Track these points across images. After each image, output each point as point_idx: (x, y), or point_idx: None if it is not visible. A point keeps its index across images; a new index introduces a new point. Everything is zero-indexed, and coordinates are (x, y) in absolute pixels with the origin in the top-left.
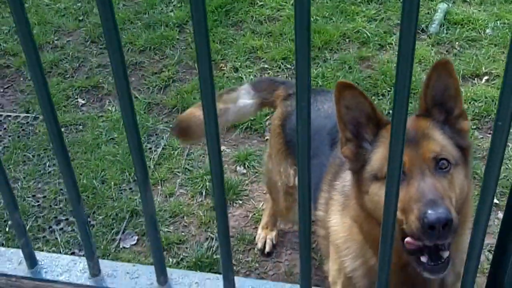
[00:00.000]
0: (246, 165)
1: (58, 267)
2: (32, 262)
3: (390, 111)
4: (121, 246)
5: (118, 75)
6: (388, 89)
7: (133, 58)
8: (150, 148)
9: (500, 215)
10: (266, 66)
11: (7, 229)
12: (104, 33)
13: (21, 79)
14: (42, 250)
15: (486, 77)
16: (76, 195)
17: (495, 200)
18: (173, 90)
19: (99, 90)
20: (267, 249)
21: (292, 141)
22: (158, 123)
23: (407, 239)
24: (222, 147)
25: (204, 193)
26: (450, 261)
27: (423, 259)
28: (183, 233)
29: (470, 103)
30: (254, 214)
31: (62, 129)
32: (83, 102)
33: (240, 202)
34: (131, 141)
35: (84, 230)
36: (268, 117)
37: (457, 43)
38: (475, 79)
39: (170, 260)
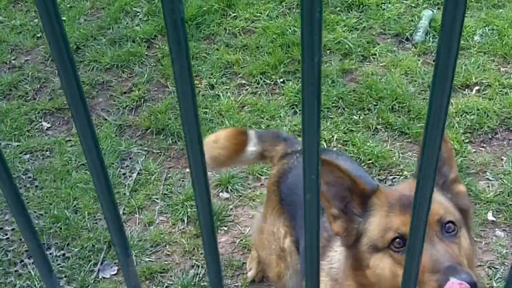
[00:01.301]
0: (229, 189)
1: None
2: None
3: (377, 127)
4: (100, 277)
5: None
6: (374, 103)
7: (99, 77)
8: (125, 174)
9: (498, 232)
10: (243, 82)
11: None
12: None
13: None
14: (15, 285)
15: (477, 88)
16: (46, 266)
17: (492, 218)
18: (145, 110)
19: (64, 112)
20: (257, 280)
21: (286, 199)
22: (131, 146)
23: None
24: None
25: (186, 220)
26: None
27: None
28: (166, 262)
29: (461, 115)
30: (241, 240)
31: (27, 156)
32: (48, 125)
33: (226, 228)
34: (106, 208)
35: None
36: None
37: None
38: (466, 90)
39: None
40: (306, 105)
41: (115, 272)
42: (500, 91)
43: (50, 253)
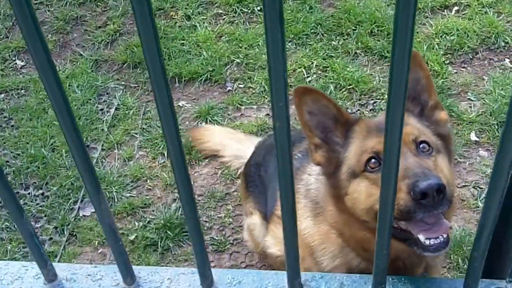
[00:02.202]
0: (208, 120)
1: (8, 275)
2: None
3: (357, 51)
4: (80, 215)
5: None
6: (353, 27)
7: (73, 12)
8: (102, 109)
9: (481, 152)
10: (220, 11)
11: None
12: None
13: None
14: None
15: (456, 8)
16: (16, 208)
17: (475, 138)
18: (121, 44)
19: None
20: None
21: (250, 183)
22: (108, 81)
23: None
24: (182, 102)
25: (166, 154)
26: (449, 237)
27: (422, 238)
28: (147, 197)
29: (441, 37)
30: (223, 170)
31: (2, 95)
32: (22, 64)
33: (207, 160)
34: (73, 146)
35: (32, 242)
36: (228, 66)
37: None
38: (445, 10)
39: (136, 224)
40: (270, 32)
41: None
42: (480, 10)
43: (29, 193)
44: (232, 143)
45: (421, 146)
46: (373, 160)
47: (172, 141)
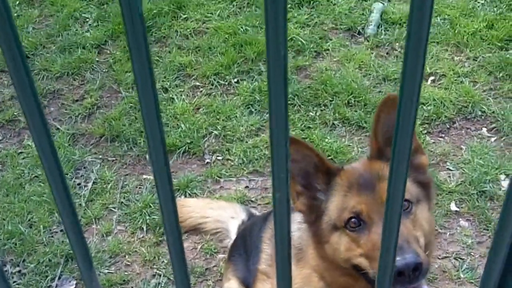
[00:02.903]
0: (187, 194)
1: None
2: None
3: (335, 122)
4: None
5: (30, 113)
6: (330, 99)
7: (50, 86)
8: (79, 184)
9: (462, 222)
10: (197, 83)
11: None
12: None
13: None
14: None
15: (432, 78)
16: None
17: (456, 208)
18: (99, 117)
19: (15, 124)
20: None
21: (233, 254)
22: (85, 155)
23: None
24: None
25: (145, 228)
26: None
27: None
28: (126, 273)
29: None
30: (203, 245)
31: None
32: None
33: (186, 234)
34: (67, 221)
35: None
36: (206, 138)
37: (397, 44)
38: None
39: None
40: (273, 101)
41: (73, 286)
42: (455, 80)
43: (6, 271)
44: (213, 211)
45: None
46: (353, 220)
47: (168, 211)
